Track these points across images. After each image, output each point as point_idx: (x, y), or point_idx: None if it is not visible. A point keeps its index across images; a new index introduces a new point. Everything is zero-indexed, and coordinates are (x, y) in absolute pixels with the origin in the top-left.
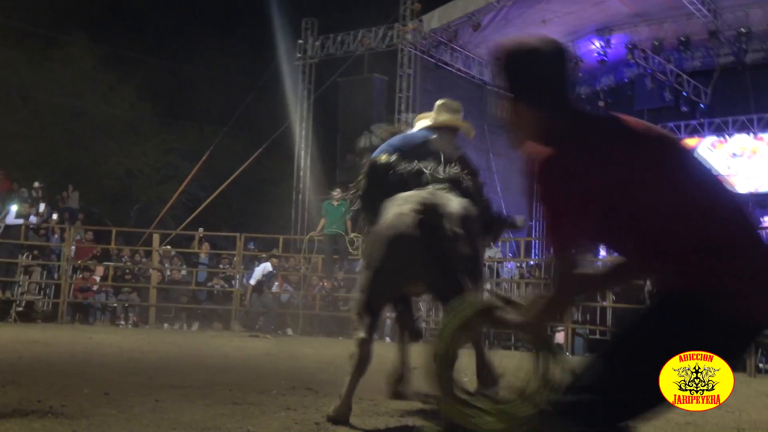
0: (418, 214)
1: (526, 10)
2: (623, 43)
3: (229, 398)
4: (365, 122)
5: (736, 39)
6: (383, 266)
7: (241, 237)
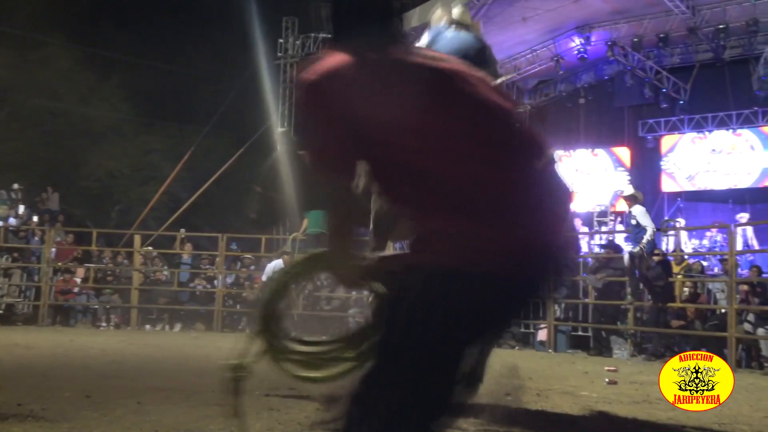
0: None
1: (506, 8)
2: (603, 40)
3: (212, 399)
4: None
5: (715, 35)
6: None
7: (224, 237)
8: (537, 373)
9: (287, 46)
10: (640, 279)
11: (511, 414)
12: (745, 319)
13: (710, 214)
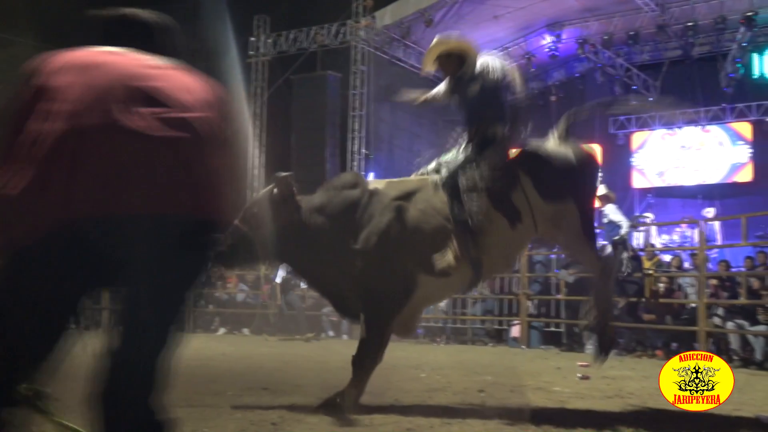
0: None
1: (477, 6)
2: (574, 38)
3: (184, 401)
4: (319, 119)
5: (683, 33)
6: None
7: None
8: (510, 370)
9: (258, 44)
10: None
11: (485, 410)
12: (715, 313)
13: (680, 209)
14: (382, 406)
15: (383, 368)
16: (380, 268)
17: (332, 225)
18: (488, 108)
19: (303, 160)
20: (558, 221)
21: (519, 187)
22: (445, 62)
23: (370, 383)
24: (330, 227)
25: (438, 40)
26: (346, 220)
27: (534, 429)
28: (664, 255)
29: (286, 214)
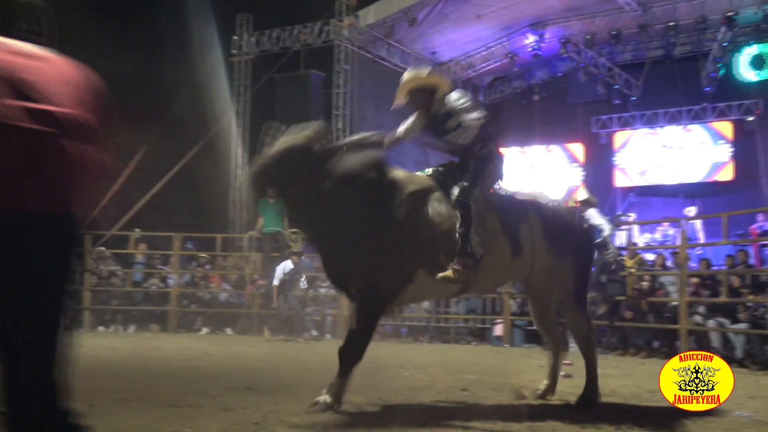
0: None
1: (461, 5)
2: (557, 37)
3: (167, 401)
4: (303, 119)
5: (665, 32)
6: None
7: (178, 237)
8: (493, 368)
9: (241, 43)
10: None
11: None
12: (696, 311)
13: (662, 208)
14: (366, 406)
15: (366, 367)
16: (386, 255)
17: (353, 199)
18: (470, 139)
19: None
20: (555, 276)
21: (528, 225)
22: (417, 96)
23: (352, 383)
24: (351, 201)
25: (410, 74)
26: (366, 199)
27: (517, 427)
28: (647, 254)
29: (321, 172)
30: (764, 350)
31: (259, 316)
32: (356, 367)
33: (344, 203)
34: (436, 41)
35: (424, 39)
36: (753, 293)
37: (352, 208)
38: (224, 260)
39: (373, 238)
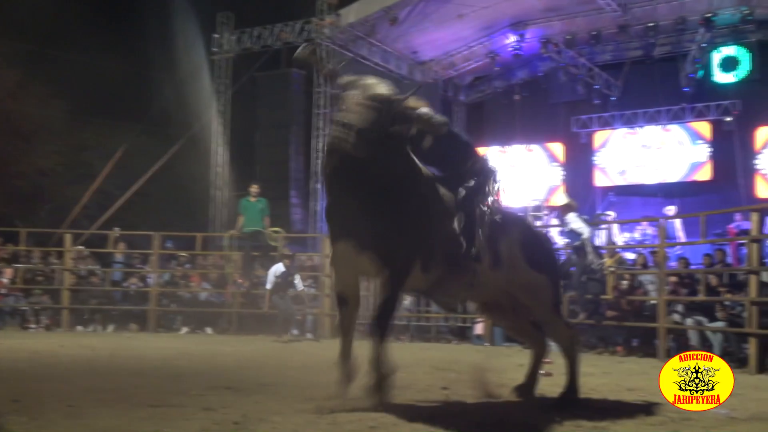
0: None
1: (442, 5)
2: (537, 37)
3: (146, 401)
4: (283, 117)
5: (645, 33)
6: None
7: (158, 236)
8: (474, 367)
9: (222, 41)
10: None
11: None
12: (674, 309)
13: (641, 207)
14: (346, 403)
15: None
16: (421, 226)
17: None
18: (453, 153)
19: (267, 158)
20: (534, 292)
21: (507, 239)
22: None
23: (333, 381)
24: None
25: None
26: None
27: (497, 425)
28: (626, 253)
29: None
30: (741, 348)
31: (239, 315)
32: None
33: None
34: (417, 40)
35: (405, 38)
36: (730, 292)
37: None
38: (204, 259)
39: (419, 205)
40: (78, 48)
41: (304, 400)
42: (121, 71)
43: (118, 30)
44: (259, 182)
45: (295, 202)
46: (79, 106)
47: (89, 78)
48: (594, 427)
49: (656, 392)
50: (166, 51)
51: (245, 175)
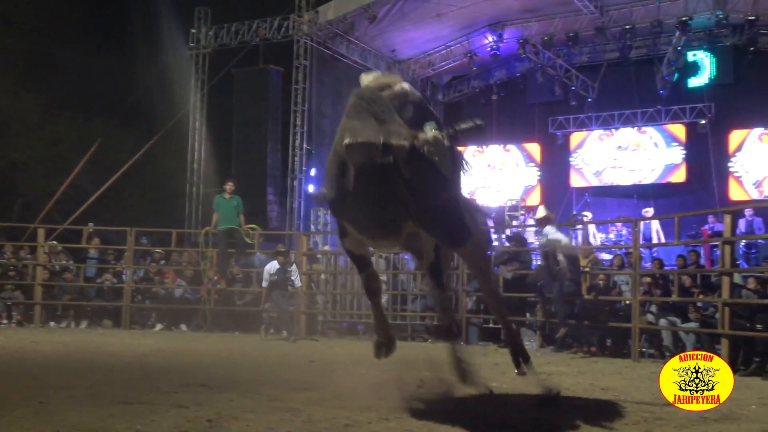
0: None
1: (421, 4)
2: (515, 37)
3: (118, 398)
4: (261, 113)
5: (621, 35)
6: None
7: (132, 231)
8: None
9: (199, 36)
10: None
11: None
12: (648, 310)
13: (616, 208)
14: (320, 402)
15: (323, 363)
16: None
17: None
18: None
19: (244, 155)
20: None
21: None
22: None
23: (307, 380)
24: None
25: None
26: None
27: (470, 424)
28: (602, 253)
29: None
30: (714, 349)
31: (214, 312)
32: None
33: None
34: (395, 39)
35: (383, 36)
36: (703, 293)
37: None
38: (179, 256)
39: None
40: (52, 40)
41: (280, 397)
42: (96, 64)
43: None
44: (234, 179)
45: (271, 199)
46: (53, 99)
47: (63, 71)
48: (567, 427)
49: (630, 392)
50: (142, 45)
51: (222, 172)
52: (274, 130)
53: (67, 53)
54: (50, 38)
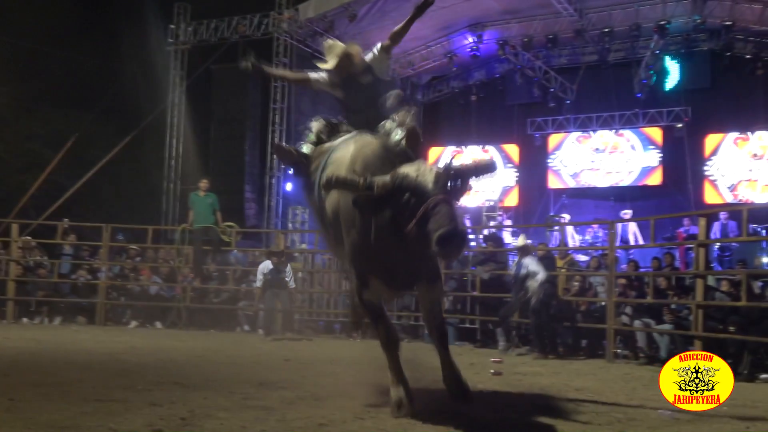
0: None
1: (402, 3)
2: (495, 38)
3: (91, 395)
4: (239, 111)
5: (600, 38)
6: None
7: (108, 228)
8: (425, 365)
9: (178, 32)
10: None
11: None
12: (623, 311)
13: (593, 210)
14: (295, 401)
15: (299, 362)
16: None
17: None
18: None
19: (222, 152)
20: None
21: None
22: (345, 62)
23: (282, 378)
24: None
25: (334, 43)
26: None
27: (445, 424)
28: (579, 255)
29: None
30: (687, 350)
31: (189, 310)
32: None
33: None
34: (375, 38)
35: (364, 35)
36: (677, 295)
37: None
38: (155, 253)
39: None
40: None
41: (253, 395)
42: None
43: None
44: (211, 176)
45: (249, 197)
46: (27, 94)
47: (38, 65)
48: (541, 427)
49: (604, 392)
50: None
51: (199, 169)
52: (253, 127)
53: (42, 47)
54: (25, 32)
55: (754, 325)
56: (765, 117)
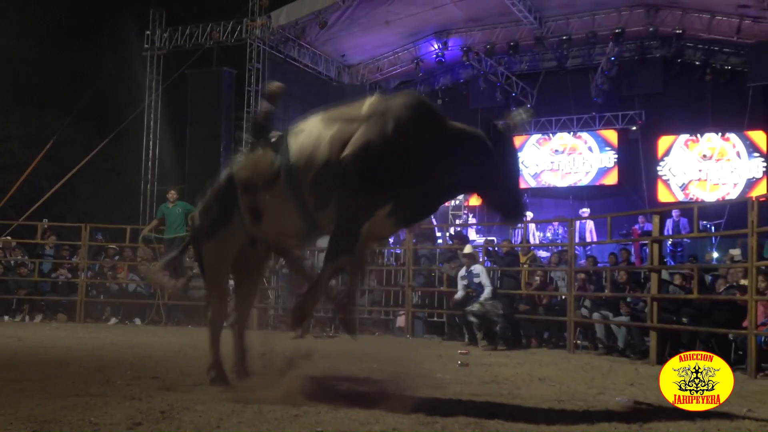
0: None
1: (370, 11)
2: (459, 45)
3: (71, 390)
4: (215, 114)
5: (559, 45)
6: None
7: (87, 227)
8: (395, 358)
9: (154, 38)
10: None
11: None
12: (582, 304)
13: (553, 209)
14: None
15: (274, 356)
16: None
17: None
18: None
19: (198, 155)
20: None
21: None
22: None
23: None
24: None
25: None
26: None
27: (416, 414)
28: (540, 251)
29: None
30: (643, 341)
31: (168, 306)
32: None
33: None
34: (345, 44)
35: (334, 41)
36: (633, 289)
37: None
38: (133, 251)
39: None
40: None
41: (229, 389)
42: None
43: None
44: (187, 177)
45: None
46: (3, 95)
47: (14, 66)
48: (506, 414)
49: (565, 381)
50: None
51: (175, 170)
52: (228, 130)
53: (18, 48)
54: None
55: (705, 316)
56: (714, 120)
